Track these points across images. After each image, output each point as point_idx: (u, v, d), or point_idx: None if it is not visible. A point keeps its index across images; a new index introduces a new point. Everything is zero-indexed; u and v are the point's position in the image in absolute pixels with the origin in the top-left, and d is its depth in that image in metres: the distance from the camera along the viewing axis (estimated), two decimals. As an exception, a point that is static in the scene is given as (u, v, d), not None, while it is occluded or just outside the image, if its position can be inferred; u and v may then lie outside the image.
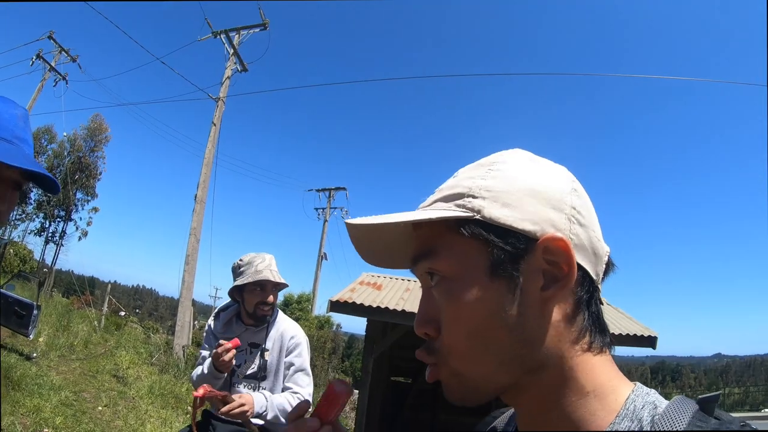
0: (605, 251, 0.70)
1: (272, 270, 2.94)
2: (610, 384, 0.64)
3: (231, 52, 19.12)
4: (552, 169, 0.72)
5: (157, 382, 10.51)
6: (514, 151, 0.74)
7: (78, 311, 17.25)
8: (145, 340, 16.89)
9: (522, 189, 0.67)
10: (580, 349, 0.65)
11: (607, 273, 0.72)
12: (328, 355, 19.51)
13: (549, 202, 0.66)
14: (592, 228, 0.68)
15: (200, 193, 17.35)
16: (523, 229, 0.64)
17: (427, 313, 0.70)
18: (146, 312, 64.55)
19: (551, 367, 0.64)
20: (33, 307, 8.68)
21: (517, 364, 0.64)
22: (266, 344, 2.98)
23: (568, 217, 0.66)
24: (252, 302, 2.94)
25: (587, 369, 0.64)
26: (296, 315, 25.51)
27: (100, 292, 28.33)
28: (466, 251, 0.66)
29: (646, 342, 7.57)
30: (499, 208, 0.65)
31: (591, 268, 0.67)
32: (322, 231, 33.72)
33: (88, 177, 32.67)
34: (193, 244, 16.87)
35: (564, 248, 0.63)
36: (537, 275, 0.64)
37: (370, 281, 9.07)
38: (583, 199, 0.70)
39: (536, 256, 0.64)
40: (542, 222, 0.65)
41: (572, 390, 0.64)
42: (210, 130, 18.22)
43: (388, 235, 0.75)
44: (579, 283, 0.66)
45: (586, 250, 0.67)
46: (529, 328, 0.63)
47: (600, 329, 0.67)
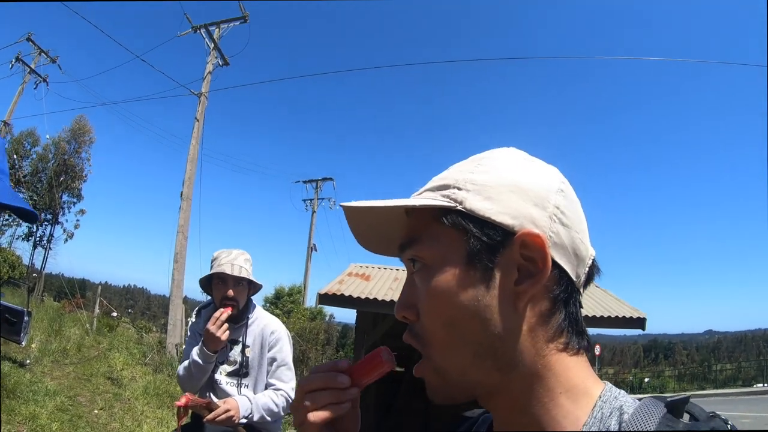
0: (590, 254, 0.71)
1: (233, 264, 2.91)
2: (583, 385, 0.66)
3: (212, 46, 18.88)
4: (542, 168, 0.73)
5: (151, 382, 10.50)
6: (507, 149, 0.76)
7: (69, 315, 17.09)
8: (138, 341, 16.84)
9: (506, 184, 0.68)
10: (554, 349, 0.66)
11: (592, 277, 0.73)
12: (321, 346, 19.51)
13: (532, 198, 0.67)
14: (575, 229, 0.69)
15: (186, 190, 17.22)
16: (501, 222, 0.66)
17: (407, 298, 0.73)
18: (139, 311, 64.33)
19: (524, 365, 0.65)
20: (24, 314, 8.63)
21: (490, 357, 0.65)
22: (247, 340, 2.99)
23: (550, 216, 0.67)
24: (217, 297, 2.94)
25: (561, 369, 0.66)
26: (288, 307, 25.53)
27: (92, 293, 28.11)
28: (447, 240, 0.68)
29: (635, 323, 7.63)
30: (480, 200, 0.67)
31: (570, 268, 0.68)
32: (310, 222, 33.61)
33: (73, 179, 32.43)
34: (181, 242, 16.77)
35: (540, 244, 0.64)
36: (512, 269, 0.65)
37: (359, 272, 9.07)
38: (570, 200, 0.71)
39: (513, 250, 0.65)
40: (522, 217, 0.66)
41: (545, 390, 0.65)
42: (193, 126, 18.08)
43: (383, 222, 0.77)
44: (555, 281, 0.67)
45: (566, 250, 0.68)
46: (502, 320, 0.64)
47: (577, 331, 0.68)
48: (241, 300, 2.96)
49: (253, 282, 3.01)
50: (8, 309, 8.67)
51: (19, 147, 30.98)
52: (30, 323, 9.03)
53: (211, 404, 2.62)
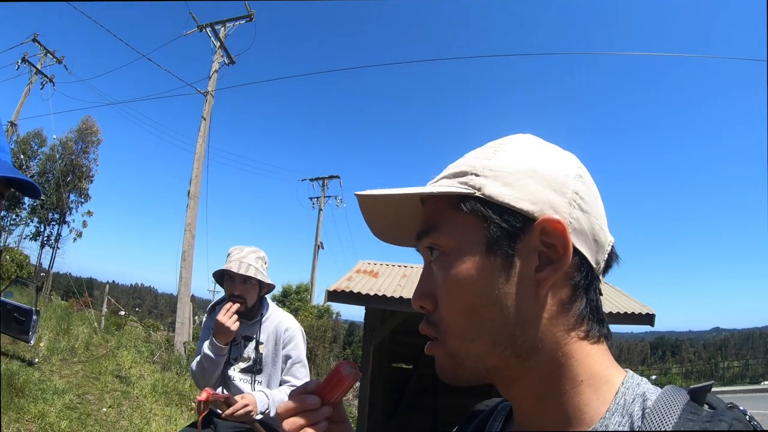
0: (608, 241, 0.70)
1: (242, 262, 2.90)
2: (604, 373, 0.64)
3: (217, 45, 18.97)
4: (559, 154, 0.72)
5: (160, 380, 10.55)
6: (523, 135, 0.75)
7: (77, 313, 17.22)
8: (146, 339, 16.90)
9: (524, 170, 0.67)
10: (576, 337, 0.65)
11: (610, 264, 0.72)
12: (329, 344, 19.54)
13: (550, 184, 0.67)
14: (595, 215, 0.68)
15: (193, 188, 17.30)
16: (521, 209, 0.65)
17: (425, 287, 0.72)
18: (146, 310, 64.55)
19: (544, 352, 0.65)
20: (32, 313, 8.67)
21: (509, 345, 0.65)
22: (260, 337, 2.99)
23: (569, 201, 0.66)
24: (227, 293, 2.95)
25: (582, 357, 0.65)
26: (295, 305, 25.52)
27: (99, 292, 28.24)
28: (465, 227, 0.68)
29: (644, 319, 7.54)
30: (499, 186, 0.66)
31: (590, 255, 0.67)
32: (317, 220, 33.65)
33: (80, 179, 32.53)
34: (188, 240, 16.85)
35: (560, 230, 0.63)
36: (533, 255, 0.64)
37: (367, 269, 9.03)
38: (588, 186, 0.70)
39: (533, 236, 0.64)
40: (541, 203, 0.65)
41: (566, 378, 0.64)
42: (200, 124, 18.12)
43: (397, 211, 0.77)
44: (576, 268, 0.66)
45: (586, 236, 0.67)
46: (522, 308, 0.64)
47: (598, 318, 0.67)
48: (249, 298, 2.95)
49: (263, 281, 2.99)
50: (17, 308, 8.71)
51: (26, 147, 31.12)
52: (38, 322, 9.07)
53: (230, 399, 2.62)
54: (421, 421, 9.81)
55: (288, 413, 0.80)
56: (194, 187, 17.33)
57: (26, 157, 31.12)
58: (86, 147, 32.97)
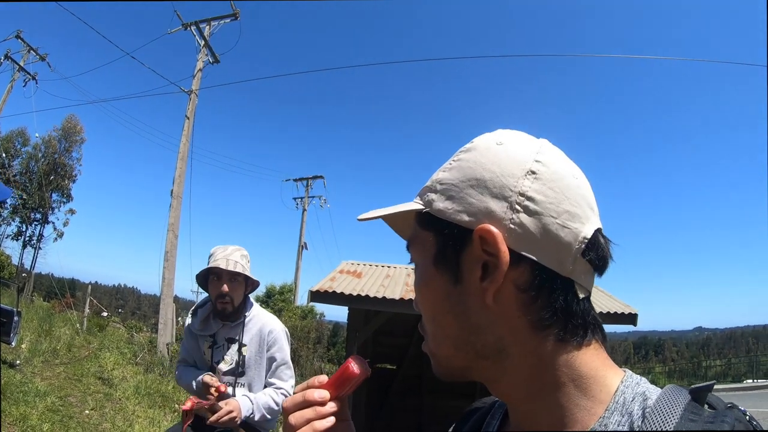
0: (578, 238, 0.65)
1: (228, 259, 2.88)
2: (593, 374, 0.63)
3: (202, 43, 18.86)
4: (513, 150, 0.68)
5: (142, 382, 10.47)
6: (485, 136, 0.73)
7: (59, 314, 17.04)
8: (129, 340, 16.77)
9: (468, 179, 0.68)
10: (547, 341, 0.63)
11: (601, 260, 0.68)
12: (313, 344, 19.52)
13: (491, 191, 0.66)
14: (550, 214, 0.64)
15: (176, 188, 17.20)
16: (460, 221, 0.66)
17: None
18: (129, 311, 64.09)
19: (514, 356, 0.65)
20: (13, 314, 8.51)
21: (470, 350, 0.67)
22: (244, 339, 2.98)
23: (511, 205, 0.64)
24: (213, 294, 2.93)
25: (561, 361, 0.63)
26: (279, 306, 25.47)
27: (81, 293, 28.02)
28: (424, 242, 0.72)
29: (626, 319, 7.59)
30: (443, 201, 0.69)
31: (545, 257, 0.63)
32: (301, 221, 33.55)
33: (63, 178, 32.25)
34: (171, 240, 16.74)
35: (491, 239, 0.63)
36: (476, 266, 0.65)
37: (350, 269, 9.03)
38: (544, 181, 0.65)
39: (474, 247, 0.65)
40: (479, 213, 0.65)
41: (546, 381, 0.64)
42: (184, 123, 18.03)
43: (401, 226, 0.83)
44: (526, 274, 0.63)
45: (534, 240, 0.63)
46: (473, 317, 0.66)
47: (574, 323, 0.64)
48: (237, 296, 2.94)
49: (249, 278, 2.99)
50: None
51: (9, 146, 30.78)
52: (20, 323, 8.96)
53: (214, 406, 2.64)
54: (406, 421, 9.79)
55: (295, 407, 0.79)
56: (177, 187, 17.23)
57: (9, 156, 30.79)
58: (70, 146, 32.71)
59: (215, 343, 2.98)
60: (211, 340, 3.00)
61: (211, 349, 2.97)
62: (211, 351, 2.98)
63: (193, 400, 2.61)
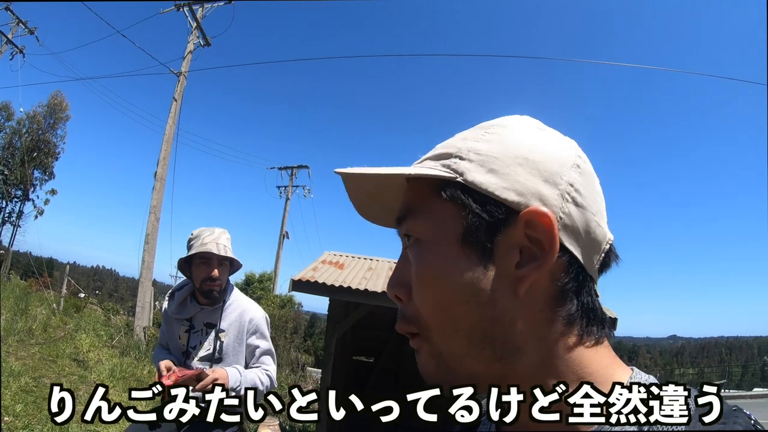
0: (606, 239, 0.64)
1: (218, 243, 2.86)
2: (603, 372, 0.61)
3: (194, 25, 18.65)
4: (557, 140, 0.66)
5: (118, 365, 10.38)
6: (519, 117, 0.69)
7: (36, 294, 16.83)
8: (106, 322, 16.65)
9: (514, 156, 0.62)
10: (566, 342, 0.61)
11: (608, 264, 0.66)
12: (290, 334, 19.49)
13: (542, 174, 0.61)
14: (591, 210, 0.62)
15: (160, 170, 17.07)
16: (505, 199, 0.59)
17: (400, 275, 0.67)
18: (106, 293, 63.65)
19: (530, 355, 0.60)
20: (-12, 292, 8.50)
21: (489, 346, 0.60)
22: (222, 325, 2.94)
23: (562, 194, 0.61)
24: (199, 277, 2.89)
25: (575, 359, 0.61)
26: (258, 294, 25.36)
27: (59, 273, 27.70)
28: (444, 215, 0.62)
29: (607, 324, 7.62)
30: (483, 173, 0.61)
31: (582, 254, 0.61)
32: (284, 209, 33.42)
33: (46, 155, 31.91)
34: (153, 223, 16.63)
35: (547, 225, 0.58)
36: (513, 251, 0.59)
37: (333, 260, 9.01)
38: (586, 177, 0.64)
39: (516, 230, 0.59)
40: (529, 194, 0.59)
41: (557, 379, 0.60)
42: (171, 105, 17.88)
43: (383, 190, 0.71)
44: (563, 268, 0.60)
45: (579, 234, 0.61)
46: (499, 307, 0.59)
47: (594, 321, 0.62)
48: (224, 280, 2.93)
49: (234, 261, 2.97)
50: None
51: (-8, 120, 30.40)
52: (-5, 301, 8.87)
53: (201, 374, 2.61)
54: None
55: None
56: (161, 169, 17.10)
57: (-8, 130, 30.41)
58: (55, 123, 32.36)
59: (192, 327, 2.94)
60: (188, 324, 2.96)
61: (188, 334, 2.93)
62: (187, 335, 2.94)
63: (177, 375, 2.56)
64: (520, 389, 0.61)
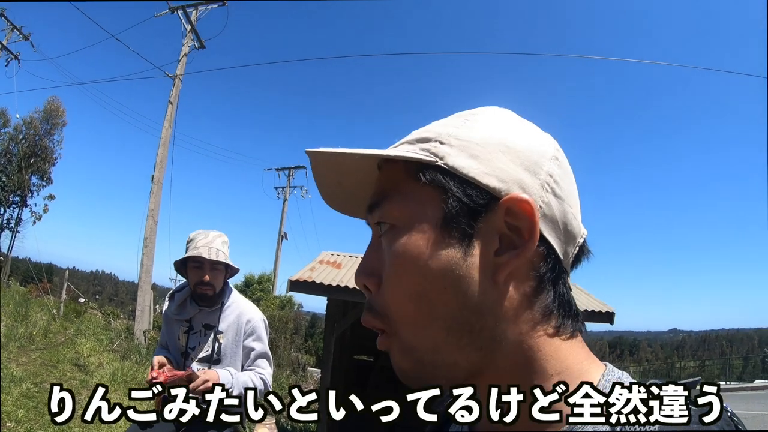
0: (581, 233, 0.64)
1: (210, 247, 2.85)
2: (578, 368, 0.60)
3: (188, 28, 18.63)
4: (537, 133, 0.65)
5: (119, 369, 10.37)
6: (497, 108, 0.68)
7: (36, 299, 16.85)
8: (106, 327, 16.62)
9: (496, 143, 0.60)
10: (543, 332, 0.59)
11: (580, 259, 0.66)
12: (290, 335, 19.48)
13: (523, 162, 0.60)
14: (569, 203, 0.62)
15: (157, 173, 17.05)
16: (486, 184, 0.58)
17: (370, 263, 0.65)
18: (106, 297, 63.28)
19: (508, 345, 0.59)
20: (-12, 298, 8.50)
21: (466, 334, 0.58)
22: (220, 326, 2.95)
23: (542, 183, 0.60)
24: (192, 281, 2.91)
25: (551, 352, 0.59)
26: (257, 295, 25.35)
27: (59, 278, 27.66)
28: (422, 199, 0.60)
29: (604, 318, 7.66)
30: (465, 157, 0.59)
31: (559, 245, 0.61)
32: (282, 210, 33.37)
33: (43, 161, 31.83)
34: (151, 227, 16.62)
35: (528, 212, 0.57)
36: (493, 237, 0.58)
37: (330, 260, 9.01)
38: (564, 170, 0.63)
39: (497, 216, 0.58)
40: (510, 181, 0.58)
41: (533, 373, 0.59)
42: (167, 108, 17.85)
43: (353, 178, 0.69)
44: (542, 258, 0.59)
45: (557, 224, 0.60)
46: (478, 294, 0.57)
47: (568, 313, 0.61)
48: (218, 284, 2.92)
49: (230, 265, 2.98)
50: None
51: (-11, 127, 30.32)
52: (-5, 307, 8.88)
53: (191, 375, 2.61)
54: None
55: None
56: (158, 173, 17.09)
57: (-12, 136, 30.34)
58: (52, 128, 32.28)
59: (192, 328, 2.96)
60: (188, 325, 2.98)
61: (187, 335, 2.95)
62: (186, 336, 2.96)
63: (167, 374, 2.57)
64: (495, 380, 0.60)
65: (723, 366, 44.94)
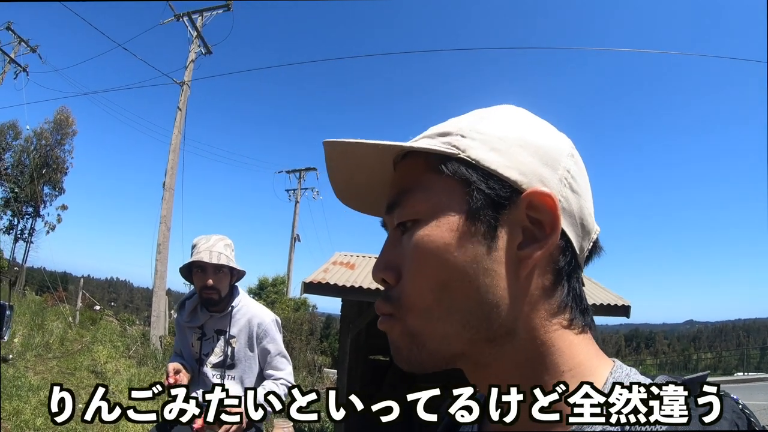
0: (595, 229, 0.65)
1: (212, 251, 2.83)
2: (589, 364, 0.59)
3: (194, 34, 18.73)
4: (553, 130, 0.66)
5: (136, 375, 10.45)
6: (513, 106, 0.68)
7: (52, 308, 16.92)
8: (122, 333, 16.70)
9: (515, 138, 0.61)
10: (558, 325, 0.59)
11: (593, 255, 0.67)
12: (305, 336, 19.49)
13: (542, 157, 0.61)
14: (584, 198, 0.63)
15: (168, 180, 17.15)
16: (508, 177, 0.58)
17: (389, 257, 0.64)
18: (122, 304, 63.81)
19: (521, 338, 0.59)
20: (5, 308, 8.55)
21: (482, 328, 0.58)
22: (231, 331, 2.94)
23: (560, 179, 0.61)
24: (197, 286, 2.89)
25: (564, 347, 0.59)
26: (272, 298, 25.43)
27: (74, 287, 27.94)
28: (445, 192, 0.60)
29: (620, 311, 7.59)
30: (486, 150, 0.60)
31: (576, 240, 0.61)
32: (294, 212, 33.44)
33: (55, 171, 32.09)
34: (164, 233, 16.72)
35: (550, 205, 0.57)
36: (516, 231, 0.58)
37: (343, 261, 8.97)
38: (580, 167, 0.65)
39: (519, 209, 0.58)
40: (531, 174, 0.59)
41: (545, 368, 0.59)
42: (176, 115, 17.96)
43: (368, 173, 0.69)
44: (561, 251, 0.60)
45: (574, 219, 0.61)
46: (501, 287, 0.57)
47: (581, 308, 0.62)
48: (222, 288, 2.89)
49: (234, 268, 2.95)
50: (-10, 303, 8.59)
51: (1, 140, 30.58)
52: (12, 317, 8.96)
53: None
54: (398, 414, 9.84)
55: None
56: (170, 179, 17.18)
57: (0, 149, 30.61)
58: (62, 138, 32.54)
59: (204, 334, 2.95)
60: (200, 332, 2.97)
61: (200, 341, 2.94)
62: (200, 343, 2.95)
63: (177, 377, 2.59)
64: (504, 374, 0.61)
65: (740, 356, 44.59)
